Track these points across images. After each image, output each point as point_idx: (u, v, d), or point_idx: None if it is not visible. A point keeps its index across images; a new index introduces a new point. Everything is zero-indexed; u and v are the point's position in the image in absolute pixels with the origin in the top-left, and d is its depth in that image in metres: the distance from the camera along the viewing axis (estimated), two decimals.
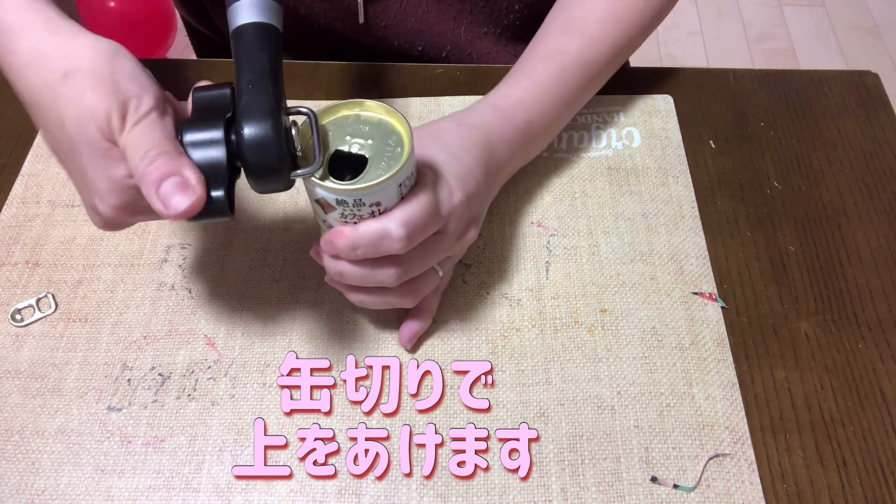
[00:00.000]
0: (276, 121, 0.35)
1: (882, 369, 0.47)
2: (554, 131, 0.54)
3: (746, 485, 0.42)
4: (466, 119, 0.48)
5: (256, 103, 0.35)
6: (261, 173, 0.36)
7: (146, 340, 0.47)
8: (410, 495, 0.42)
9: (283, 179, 0.36)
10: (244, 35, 0.37)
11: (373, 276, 0.41)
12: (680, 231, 0.52)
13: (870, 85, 0.62)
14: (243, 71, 0.36)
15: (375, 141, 0.39)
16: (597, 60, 0.53)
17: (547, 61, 0.52)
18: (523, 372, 0.46)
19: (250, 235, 0.52)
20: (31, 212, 0.53)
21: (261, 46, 0.37)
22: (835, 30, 1.87)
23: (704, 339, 0.47)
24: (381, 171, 0.37)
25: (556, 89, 0.51)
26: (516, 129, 0.49)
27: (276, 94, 0.36)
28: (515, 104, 0.49)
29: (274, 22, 0.38)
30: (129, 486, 0.42)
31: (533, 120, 0.50)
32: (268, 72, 0.36)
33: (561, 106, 0.52)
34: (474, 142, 0.46)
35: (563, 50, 0.52)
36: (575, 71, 0.52)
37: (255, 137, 0.35)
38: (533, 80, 0.51)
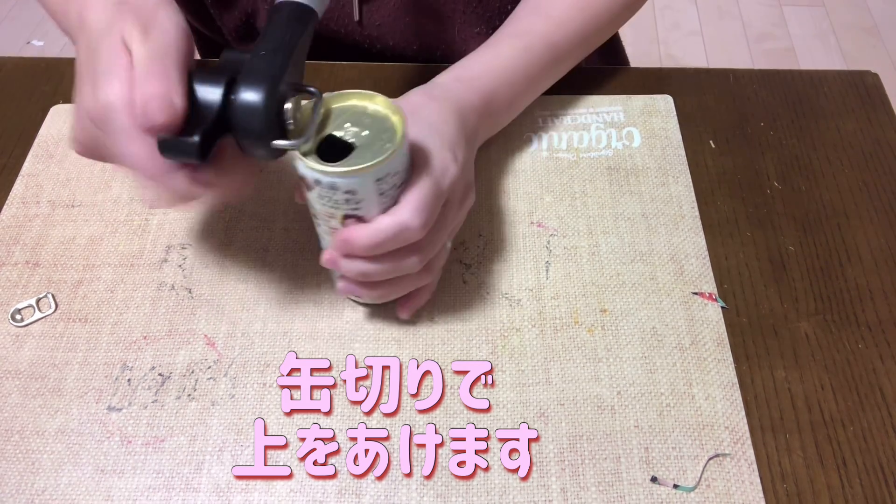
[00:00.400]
0: (271, 89, 0.36)
1: (882, 369, 0.47)
2: (518, 106, 0.55)
3: (746, 485, 0.42)
4: (434, 92, 0.48)
5: (259, 68, 0.36)
6: (243, 135, 0.37)
7: (146, 340, 0.47)
8: (410, 495, 0.42)
9: (265, 146, 0.37)
10: (279, 11, 0.39)
11: (398, 268, 0.41)
12: (680, 231, 0.52)
13: (870, 85, 0.62)
14: (262, 41, 0.37)
15: (371, 133, 0.39)
16: (562, 42, 0.54)
17: (512, 39, 0.53)
18: (523, 372, 0.46)
19: (250, 235, 0.52)
20: (31, 212, 0.53)
21: (288, 24, 0.38)
22: (835, 30, 1.87)
23: (704, 339, 0.47)
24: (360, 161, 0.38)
25: (519, 64, 0.52)
26: (480, 98, 0.50)
27: (282, 65, 0.37)
28: (478, 75, 0.50)
29: (314, 6, 0.39)
30: (129, 486, 0.42)
31: (495, 90, 0.51)
32: (284, 45, 0.37)
33: (524, 81, 0.53)
34: (449, 112, 0.46)
35: (528, 30, 0.53)
36: (540, 50, 0.53)
37: (245, 100, 0.36)
38: (495, 54, 0.52)
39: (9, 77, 0.62)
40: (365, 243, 0.39)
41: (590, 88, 0.60)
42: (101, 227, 0.53)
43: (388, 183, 0.39)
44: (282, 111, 0.37)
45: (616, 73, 0.61)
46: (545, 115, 0.59)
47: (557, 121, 0.58)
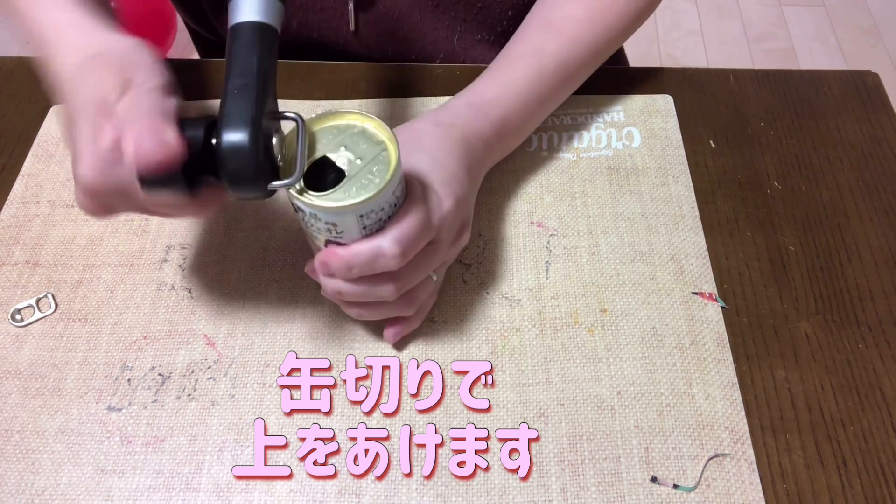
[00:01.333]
0: (255, 130, 0.34)
1: (882, 369, 0.47)
2: (529, 129, 0.54)
3: (746, 485, 0.42)
4: (442, 118, 0.47)
5: (237, 110, 0.35)
6: (236, 181, 0.35)
7: (146, 340, 0.47)
8: (410, 495, 0.42)
9: (259, 188, 0.36)
10: (240, 34, 0.37)
11: (371, 293, 0.41)
12: (680, 231, 0.52)
13: (870, 85, 0.62)
14: (232, 74, 0.36)
15: (363, 163, 0.38)
16: (574, 60, 0.53)
17: (523, 59, 0.52)
18: (523, 372, 0.46)
19: (250, 235, 0.52)
20: (31, 212, 0.53)
21: (254, 48, 0.36)
22: (835, 30, 1.87)
23: (704, 339, 0.47)
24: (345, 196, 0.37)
25: (532, 87, 0.51)
26: (492, 125, 0.49)
27: (259, 100, 0.35)
28: (491, 101, 0.50)
29: (273, 23, 0.37)
30: (129, 486, 0.42)
31: (508, 117, 0.50)
32: (256, 76, 0.35)
33: (536, 103, 0.52)
34: (454, 142, 0.46)
35: (540, 49, 0.52)
36: (552, 70, 0.52)
37: (231, 145, 0.34)
38: (509, 78, 0.51)
39: (9, 77, 0.62)
40: (339, 265, 0.39)
41: (590, 88, 0.60)
42: (101, 227, 0.53)
43: (372, 218, 0.38)
44: (269, 149, 0.36)
45: (616, 73, 0.61)
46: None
47: (557, 121, 0.58)
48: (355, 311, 0.44)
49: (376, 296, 0.41)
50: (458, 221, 0.44)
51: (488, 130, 0.49)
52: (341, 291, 0.41)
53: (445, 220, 0.42)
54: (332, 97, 0.60)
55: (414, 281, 0.42)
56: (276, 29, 0.37)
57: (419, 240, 0.40)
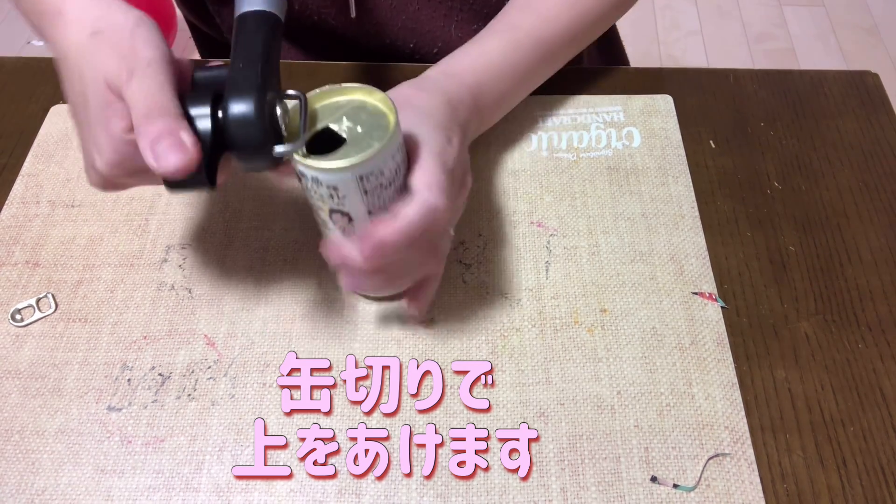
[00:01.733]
0: (260, 97, 0.36)
1: (882, 369, 0.47)
2: (507, 102, 0.54)
3: (746, 484, 0.42)
4: (423, 85, 0.48)
5: (243, 80, 0.36)
6: (243, 148, 0.37)
7: (146, 340, 0.47)
8: (410, 495, 0.42)
9: (265, 156, 0.37)
10: (245, 21, 0.39)
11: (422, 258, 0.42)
12: (680, 231, 0.52)
13: (870, 85, 0.62)
14: (237, 53, 0.37)
15: (364, 130, 0.39)
16: (551, 38, 0.53)
17: (499, 34, 0.53)
18: (523, 372, 0.46)
19: (250, 235, 0.52)
20: (31, 212, 0.53)
21: (258, 32, 0.38)
22: (835, 30, 1.87)
23: (704, 339, 0.47)
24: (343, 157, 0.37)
25: (507, 60, 0.52)
26: (469, 92, 0.49)
27: (264, 72, 0.37)
28: (465, 70, 0.50)
29: (275, 10, 0.39)
30: (129, 485, 0.42)
31: (483, 85, 0.50)
32: (259, 53, 0.37)
33: (512, 77, 0.52)
34: (439, 102, 0.46)
35: (516, 25, 0.53)
36: (528, 46, 0.52)
37: (238, 113, 0.35)
38: (483, 50, 0.52)
39: (9, 77, 0.62)
40: (399, 239, 0.38)
41: (590, 88, 0.60)
42: (101, 227, 0.53)
43: (372, 182, 0.38)
44: (274, 117, 0.37)
45: (616, 73, 0.61)
46: (545, 115, 0.59)
47: (557, 121, 0.58)
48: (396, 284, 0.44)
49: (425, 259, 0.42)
50: (461, 164, 0.45)
51: (465, 95, 0.49)
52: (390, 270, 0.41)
53: (455, 161, 0.43)
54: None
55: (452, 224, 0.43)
56: (279, 17, 0.39)
57: (450, 182, 0.40)
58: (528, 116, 0.58)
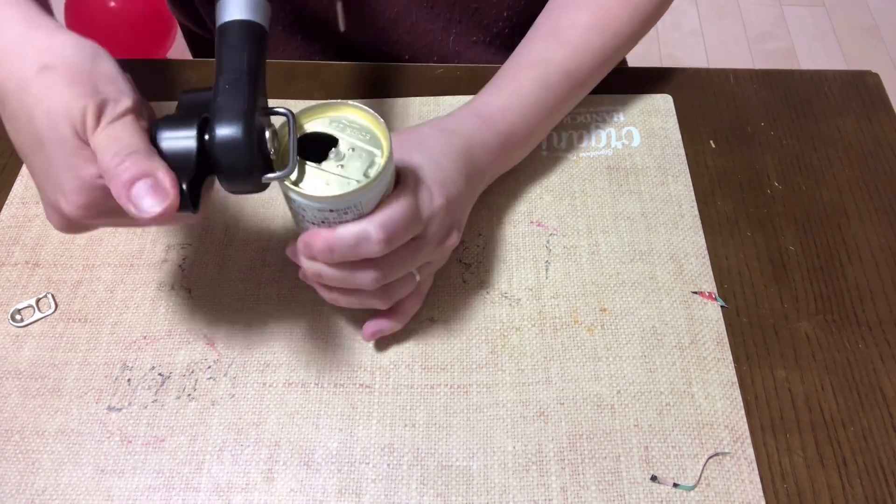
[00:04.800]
0: (248, 123, 0.35)
1: (882, 369, 0.46)
2: (536, 139, 0.54)
3: (746, 483, 0.42)
4: (447, 125, 0.47)
5: (230, 104, 0.35)
6: (230, 175, 0.36)
7: (146, 340, 0.47)
8: (410, 494, 0.42)
9: (253, 182, 0.36)
10: (228, 32, 0.37)
11: (351, 279, 0.40)
12: (679, 230, 0.52)
13: (870, 85, 0.62)
14: (222, 70, 0.36)
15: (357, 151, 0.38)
16: (581, 69, 0.52)
17: (531, 69, 0.51)
18: (523, 371, 0.46)
19: (250, 235, 0.52)
20: (31, 212, 0.53)
21: (242, 45, 0.36)
22: (835, 30, 1.87)
23: (704, 338, 0.47)
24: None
25: (539, 98, 0.51)
26: (497, 136, 0.49)
27: (251, 95, 0.35)
28: (497, 112, 0.49)
29: (260, 20, 0.37)
30: (130, 485, 0.42)
31: (514, 128, 0.50)
32: (246, 72, 0.36)
33: (543, 114, 0.51)
34: (455, 148, 0.45)
35: (547, 58, 0.51)
36: (559, 79, 0.51)
37: (225, 139, 0.34)
38: (516, 88, 0.50)
39: None
40: (321, 246, 0.38)
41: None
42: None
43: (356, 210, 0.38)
44: (263, 142, 0.36)
45: (616, 73, 0.61)
46: None
47: None
48: (331, 296, 0.43)
49: (355, 282, 0.41)
50: (448, 222, 0.44)
51: (493, 141, 0.48)
52: (321, 274, 0.40)
53: (435, 216, 0.42)
54: (332, 97, 0.60)
55: (396, 273, 0.42)
56: (263, 27, 0.38)
57: (405, 229, 0.40)
58: None
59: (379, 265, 0.40)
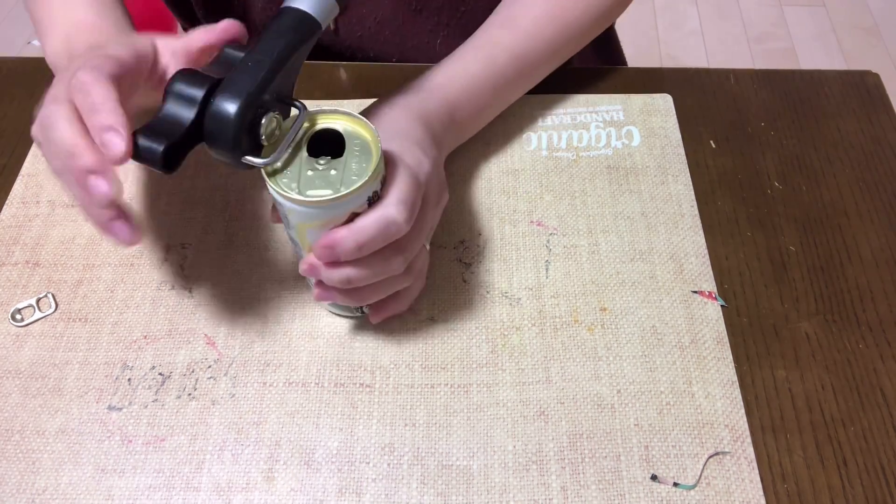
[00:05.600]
0: (246, 103, 0.36)
1: (883, 369, 0.46)
2: (485, 116, 0.54)
3: (746, 482, 0.42)
4: (398, 102, 0.48)
5: (240, 81, 0.36)
6: (214, 145, 0.37)
7: (146, 340, 0.47)
8: (411, 494, 0.42)
9: (233, 158, 0.37)
10: (283, 16, 0.38)
11: (383, 269, 0.40)
12: (679, 230, 0.52)
13: (870, 85, 0.62)
14: (256, 49, 0.37)
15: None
16: (529, 54, 0.53)
17: (476, 50, 0.52)
18: (523, 371, 0.46)
19: (250, 235, 0.52)
20: (31, 212, 0.53)
21: (286, 34, 0.38)
22: (835, 30, 1.87)
23: (704, 338, 0.47)
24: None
25: (483, 75, 0.51)
26: (445, 106, 0.49)
27: (264, 79, 0.36)
28: (443, 85, 0.50)
29: (320, 18, 0.39)
30: (130, 485, 0.42)
31: (458, 100, 0.50)
32: (274, 58, 0.37)
33: (489, 93, 0.52)
34: (412, 118, 0.46)
35: (495, 41, 0.53)
36: (505, 61, 0.52)
37: (218, 111, 0.36)
38: (462, 66, 0.51)
39: (9, 77, 0.62)
40: (350, 245, 0.38)
41: (589, 88, 0.60)
42: None
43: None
44: (257, 126, 0.37)
45: (616, 73, 0.61)
46: (544, 115, 0.59)
47: (557, 120, 0.58)
48: (360, 298, 0.42)
49: (388, 271, 0.40)
50: (438, 181, 0.45)
51: (442, 110, 0.49)
52: (351, 278, 0.39)
53: (430, 177, 0.43)
54: (332, 97, 0.60)
55: (417, 246, 0.42)
56: (319, 24, 0.39)
57: (417, 199, 0.40)
58: (527, 115, 0.58)
59: (402, 245, 0.40)
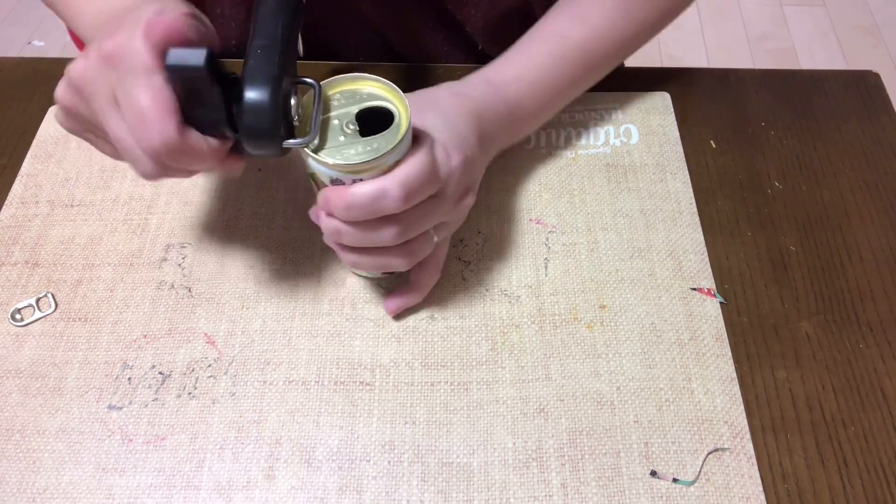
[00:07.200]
0: (275, 87, 0.36)
1: (883, 369, 0.46)
2: (543, 116, 0.54)
3: (745, 479, 0.42)
4: (460, 89, 0.48)
5: (260, 68, 0.36)
6: (253, 136, 0.37)
7: (146, 339, 0.47)
8: (411, 491, 0.42)
9: (274, 145, 0.37)
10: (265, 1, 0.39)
11: (370, 237, 0.41)
12: (678, 227, 0.52)
13: (871, 85, 0.62)
14: (255, 36, 0.38)
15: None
16: (599, 51, 0.52)
17: (547, 44, 0.51)
18: (523, 368, 0.46)
19: (250, 233, 0.52)
20: (31, 212, 0.53)
21: (278, 14, 0.38)
22: (835, 29, 1.87)
23: (703, 335, 0.47)
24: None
25: (552, 73, 0.51)
26: (506, 105, 0.49)
27: (281, 62, 0.37)
28: (509, 82, 0.49)
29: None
30: (131, 484, 0.42)
31: (523, 100, 0.50)
32: (279, 39, 0.37)
33: (554, 90, 0.51)
34: (468, 110, 0.46)
35: (565, 35, 0.51)
36: (574, 57, 0.51)
37: (253, 101, 0.36)
38: (530, 60, 0.50)
39: (9, 77, 0.62)
40: (340, 204, 0.39)
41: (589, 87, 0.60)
42: (101, 226, 0.53)
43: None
44: (288, 108, 0.38)
45: (617, 74, 0.61)
46: None
47: (555, 118, 0.58)
48: (352, 258, 0.43)
49: (375, 240, 0.41)
50: (465, 181, 0.44)
51: (502, 110, 0.48)
52: (340, 232, 0.41)
53: (453, 174, 0.42)
54: None
55: (414, 230, 0.42)
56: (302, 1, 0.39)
57: (424, 186, 0.40)
58: None
59: (398, 220, 0.41)
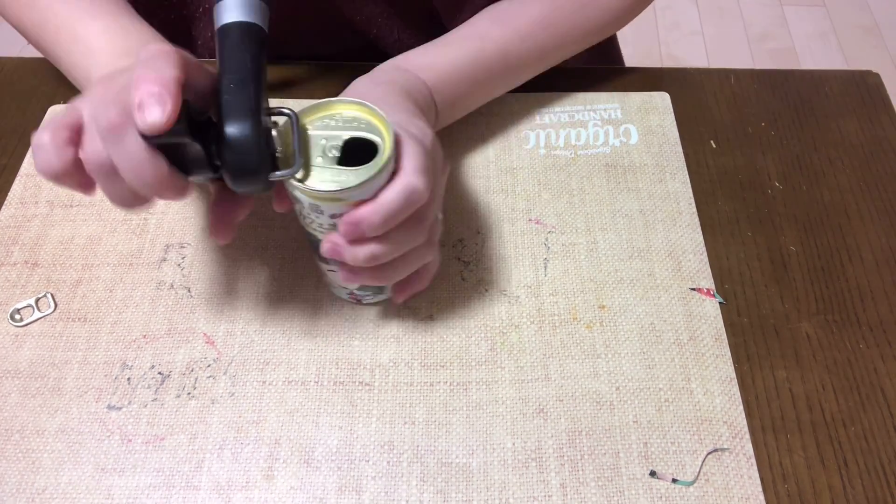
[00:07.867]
0: (256, 121, 0.35)
1: (883, 369, 0.46)
2: (462, 107, 0.53)
3: (745, 479, 0.42)
4: (377, 79, 0.47)
5: (238, 103, 0.35)
6: (239, 174, 0.36)
7: (146, 339, 0.47)
8: (411, 491, 0.42)
9: (261, 181, 0.36)
10: (229, 34, 0.37)
11: (407, 241, 0.40)
12: (677, 227, 0.52)
13: (871, 84, 0.62)
14: (226, 71, 0.36)
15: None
16: (518, 54, 0.52)
17: (465, 41, 0.52)
18: (522, 368, 0.46)
19: (249, 234, 0.52)
20: (30, 212, 0.53)
21: (244, 46, 0.37)
22: (835, 29, 1.87)
23: (702, 335, 0.47)
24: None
25: (467, 65, 0.51)
26: (425, 85, 0.49)
27: (256, 94, 0.36)
28: (421, 66, 0.49)
29: (259, 22, 0.38)
30: (130, 484, 0.42)
31: (438, 85, 0.49)
32: (250, 72, 0.36)
33: (470, 82, 0.51)
34: (398, 94, 0.46)
35: (484, 35, 0.52)
36: (492, 55, 0.51)
37: (235, 137, 0.35)
38: (444, 52, 0.51)
39: (9, 77, 0.62)
40: (376, 219, 0.37)
41: (588, 87, 0.60)
42: (100, 226, 0.53)
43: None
44: (270, 140, 0.37)
45: (617, 74, 0.61)
46: (542, 113, 0.59)
47: (555, 118, 0.58)
48: (386, 274, 0.41)
49: (411, 242, 0.40)
50: (440, 150, 0.44)
51: (422, 86, 0.48)
52: (376, 254, 0.39)
53: (434, 144, 0.42)
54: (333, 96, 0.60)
55: (433, 215, 0.41)
56: (263, 28, 0.38)
57: (431, 166, 0.40)
58: (525, 114, 0.58)
59: (425, 213, 0.40)
